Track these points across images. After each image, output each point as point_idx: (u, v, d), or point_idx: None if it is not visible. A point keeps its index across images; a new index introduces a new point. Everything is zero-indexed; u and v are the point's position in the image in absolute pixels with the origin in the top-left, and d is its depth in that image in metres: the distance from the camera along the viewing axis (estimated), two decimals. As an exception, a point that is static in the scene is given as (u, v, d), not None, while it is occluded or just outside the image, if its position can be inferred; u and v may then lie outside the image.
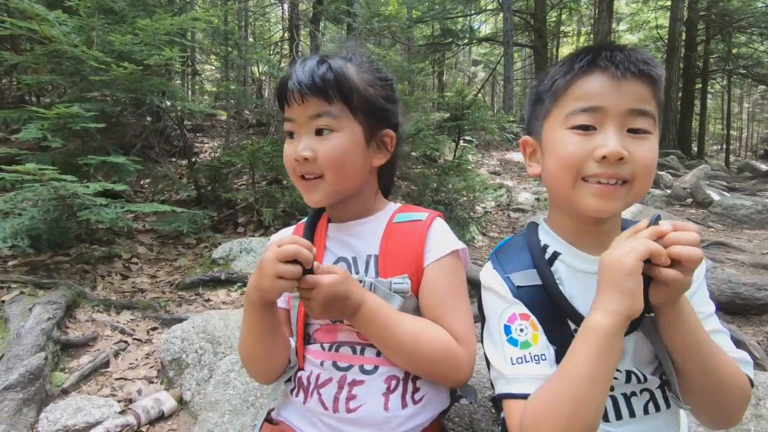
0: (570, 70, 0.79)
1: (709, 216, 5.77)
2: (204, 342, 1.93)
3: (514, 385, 0.75)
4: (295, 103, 0.87)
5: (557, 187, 0.81)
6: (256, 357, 0.92)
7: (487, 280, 0.85)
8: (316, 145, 0.87)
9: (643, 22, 17.85)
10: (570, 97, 0.78)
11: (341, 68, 0.87)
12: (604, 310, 0.68)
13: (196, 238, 3.84)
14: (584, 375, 0.68)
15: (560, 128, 0.78)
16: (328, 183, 0.89)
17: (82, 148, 3.10)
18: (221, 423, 1.11)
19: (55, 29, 2.80)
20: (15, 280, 2.52)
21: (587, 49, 0.80)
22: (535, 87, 0.91)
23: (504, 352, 0.78)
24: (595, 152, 0.74)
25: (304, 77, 0.86)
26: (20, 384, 1.64)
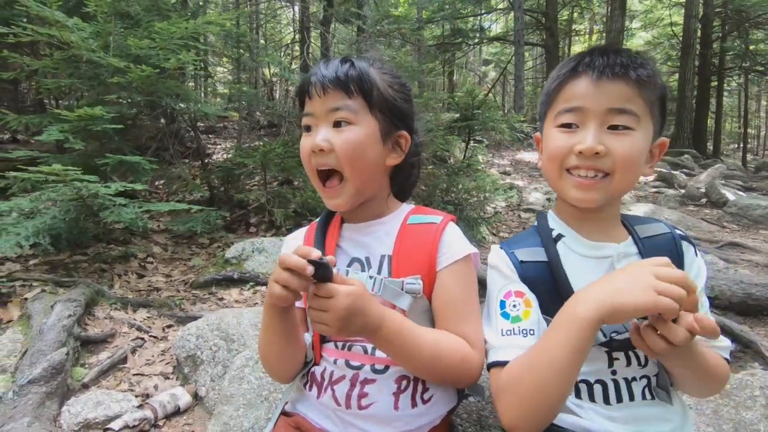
0: (558, 76, 0.88)
1: (724, 216, 5.68)
2: (218, 339, 1.98)
3: (499, 353, 0.81)
4: (316, 96, 0.89)
5: (549, 178, 0.91)
6: (271, 357, 0.95)
7: (493, 259, 0.91)
8: (333, 136, 0.88)
9: (657, 19, 17.58)
10: (560, 99, 0.87)
11: (364, 66, 0.92)
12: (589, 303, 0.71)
13: (209, 238, 3.91)
14: (559, 358, 0.72)
15: (551, 126, 0.88)
16: (348, 183, 0.90)
17: (100, 149, 3.18)
18: (236, 416, 1.14)
19: (73, 35, 2.89)
20: (37, 278, 2.61)
21: (577, 55, 0.88)
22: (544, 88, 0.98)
23: (496, 325, 0.84)
24: (574, 147, 0.83)
25: (328, 72, 0.89)
26: (43, 378, 1.70)
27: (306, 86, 0.92)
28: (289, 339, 0.91)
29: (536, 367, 0.74)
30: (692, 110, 13.55)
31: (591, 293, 0.72)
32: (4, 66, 4.07)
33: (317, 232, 0.99)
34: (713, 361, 0.80)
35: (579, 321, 0.70)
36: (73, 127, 2.82)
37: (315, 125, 0.91)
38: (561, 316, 0.74)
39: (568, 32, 18.18)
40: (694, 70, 13.49)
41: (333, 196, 0.92)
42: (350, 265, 0.95)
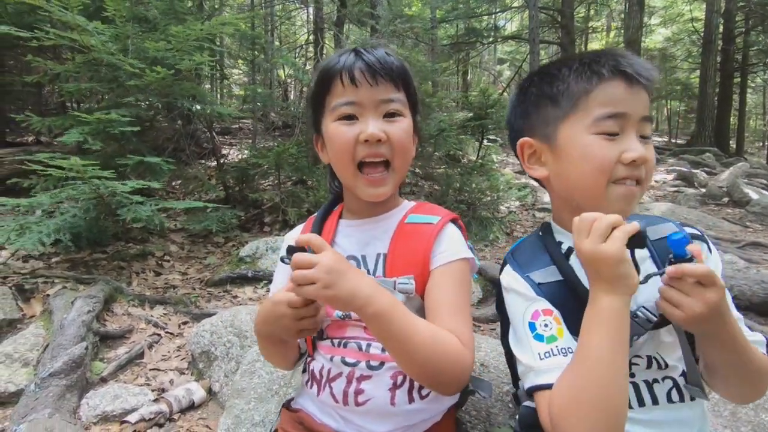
0: (593, 75, 0.80)
1: (747, 216, 5.52)
2: (232, 336, 2.01)
3: (543, 377, 0.76)
4: (365, 84, 0.85)
5: (585, 190, 0.83)
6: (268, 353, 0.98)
7: (508, 282, 0.87)
8: (386, 127, 0.87)
9: (677, 15, 17.18)
10: (595, 103, 0.80)
11: (402, 60, 0.91)
12: (606, 291, 0.71)
13: (224, 237, 3.97)
14: (604, 358, 0.69)
15: (585, 133, 0.80)
16: (395, 172, 0.89)
17: (118, 150, 3.26)
18: (247, 409, 1.16)
19: (93, 38, 2.96)
20: (58, 276, 2.69)
21: (599, 55, 0.83)
22: (529, 87, 0.91)
23: (531, 349, 0.79)
24: (623, 155, 0.79)
25: (376, 60, 0.86)
26: (64, 371, 1.76)
27: (348, 72, 0.86)
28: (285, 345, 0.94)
29: (589, 376, 0.69)
30: (714, 108, 13.20)
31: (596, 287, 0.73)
32: (28, 70, 4.21)
33: (313, 228, 0.98)
34: (755, 354, 0.77)
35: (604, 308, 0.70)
36: (92, 129, 2.90)
37: (361, 114, 0.87)
38: (586, 319, 0.73)
39: (585, 30, 17.90)
40: (716, 67, 13.15)
41: (379, 184, 0.89)
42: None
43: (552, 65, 0.89)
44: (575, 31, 13.50)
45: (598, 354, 0.69)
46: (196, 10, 4.49)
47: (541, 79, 0.89)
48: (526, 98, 0.91)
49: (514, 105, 0.95)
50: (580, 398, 0.69)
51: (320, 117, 0.94)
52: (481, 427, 1.14)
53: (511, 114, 0.96)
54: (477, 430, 1.14)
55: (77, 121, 2.92)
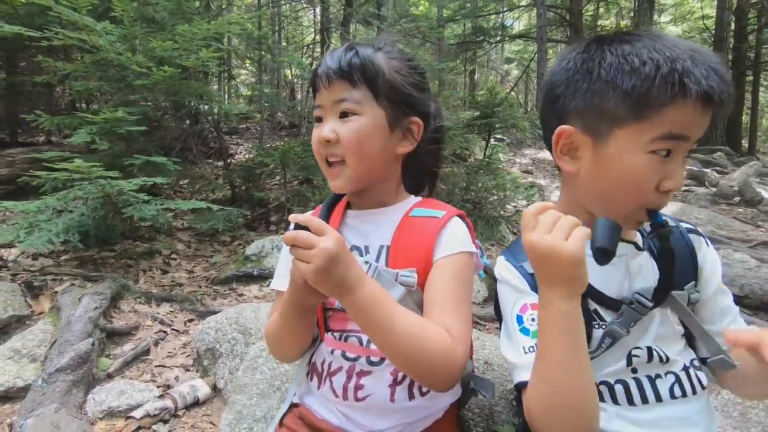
0: (681, 90, 0.68)
1: (759, 215, 5.45)
2: (236, 333, 2.01)
3: (524, 373, 0.75)
4: (322, 88, 0.90)
5: (613, 207, 0.77)
6: (284, 344, 0.95)
7: (501, 272, 0.86)
8: (339, 127, 0.88)
9: (688, 12, 16.97)
10: (667, 119, 0.70)
11: (368, 54, 0.90)
12: (561, 294, 0.68)
13: (230, 236, 3.99)
14: (564, 362, 0.68)
15: (641, 150, 0.72)
16: (349, 167, 0.90)
17: (126, 150, 3.30)
18: (249, 405, 1.16)
19: (102, 39, 3.00)
20: (67, 273, 2.72)
21: (695, 62, 0.69)
22: (600, 61, 0.74)
23: (517, 342, 0.78)
24: (663, 183, 0.73)
25: (332, 63, 0.89)
26: (70, 367, 1.77)
27: (314, 78, 0.93)
28: (308, 331, 0.92)
29: (553, 381, 0.68)
30: (726, 106, 13.01)
31: (545, 286, 0.70)
32: (38, 71, 4.27)
33: (321, 216, 0.99)
34: None
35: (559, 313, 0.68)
36: (99, 129, 2.93)
37: (324, 116, 0.91)
38: (542, 324, 0.71)
39: (594, 28, 17.74)
40: (727, 65, 12.97)
41: (333, 178, 0.93)
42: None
43: (634, 46, 0.72)
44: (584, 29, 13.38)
45: (559, 359, 0.68)
46: (204, 11, 4.53)
47: (617, 61, 0.72)
48: (590, 73, 0.75)
49: (569, 68, 0.78)
50: (548, 402, 0.69)
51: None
52: (484, 425, 1.13)
53: (559, 78, 0.80)
54: (480, 428, 1.13)
55: (85, 121, 2.95)
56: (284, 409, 0.97)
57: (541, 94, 0.85)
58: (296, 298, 0.83)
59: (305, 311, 0.87)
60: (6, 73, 4.66)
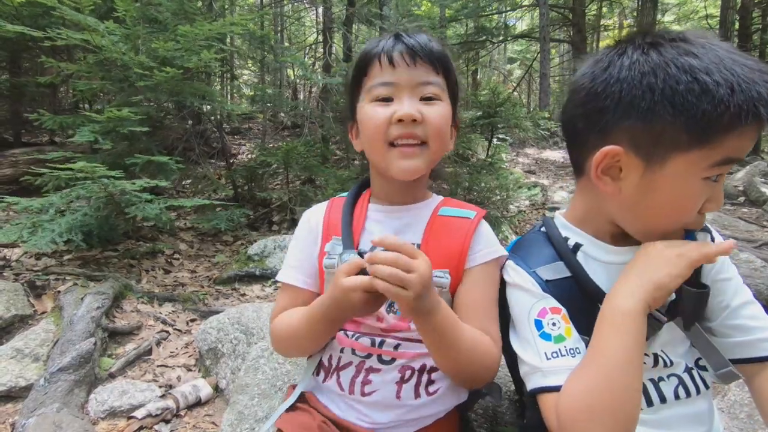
0: (755, 117, 0.62)
1: (764, 215, 5.41)
2: (238, 333, 2.01)
3: (551, 378, 0.73)
4: (404, 65, 0.83)
5: (654, 232, 0.74)
6: (303, 349, 0.94)
7: (513, 277, 0.83)
8: (423, 108, 0.84)
9: (691, 11, 16.89)
10: (726, 144, 0.64)
11: (444, 47, 0.89)
12: (631, 295, 0.68)
13: (233, 236, 3.99)
14: (621, 362, 0.67)
15: (697, 176, 0.67)
16: (430, 151, 0.85)
17: (128, 150, 3.30)
18: (250, 405, 1.16)
19: (104, 39, 3.00)
20: (70, 273, 2.72)
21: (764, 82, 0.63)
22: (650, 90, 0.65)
23: (537, 348, 0.76)
24: (706, 205, 0.72)
25: (416, 43, 0.84)
26: (72, 366, 1.77)
27: (386, 53, 0.84)
28: (330, 336, 0.90)
29: (604, 381, 0.66)
30: (730, 106, 12.92)
31: (625, 287, 0.70)
32: (42, 72, 4.28)
33: (345, 211, 0.93)
34: None
35: (629, 315, 0.68)
36: (102, 128, 2.93)
37: (397, 96, 0.84)
38: (605, 322, 0.70)
39: (596, 27, 17.69)
40: (731, 64, 12.88)
41: (412, 156, 0.84)
42: (374, 248, 0.87)
43: (701, 60, 0.64)
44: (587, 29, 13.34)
45: (618, 358, 0.67)
46: (206, 11, 4.53)
47: (686, 79, 0.63)
48: (651, 91, 0.65)
49: (622, 79, 0.68)
50: (592, 403, 0.66)
51: (356, 101, 0.91)
52: (488, 427, 1.12)
53: (606, 88, 0.70)
54: (483, 429, 1.12)
55: (88, 120, 2.95)
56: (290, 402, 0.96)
57: (574, 99, 0.77)
58: (340, 314, 0.80)
59: (339, 323, 0.85)
60: (9, 73, 4.67)
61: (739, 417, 1.38)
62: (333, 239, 0.91)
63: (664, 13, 17.67)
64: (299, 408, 0.91)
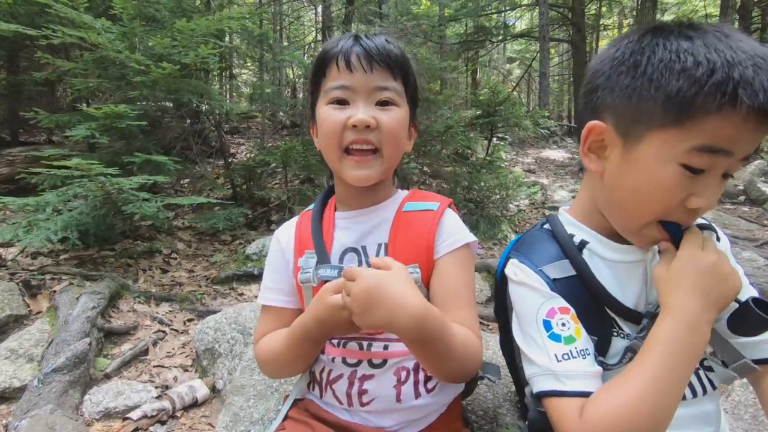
0: (731, 101, 0.59)
1: (765, 214, 5.40)
2: (235, 333, 1.99)
3: (566, 382, 0.70)
4: (360, 70, 0.83)
5: (627, 220, 0.74)
6: (289, 370, 0.93)
7: (518, 275, 0.80)
8: (378, 114, 0.83)
9: (691, 11, 16.90)
10: (706, 129, 0.62)
11: (403, 50, 0.88)
12: (709, 321, 0.66)
13: (231, 235, 3.97)
14: (678, 383, 0.65)
15: (673, 159, 0.65)
16: (384, 158, 0.86)
17: (126, 148, 3.28)
18: (246, 407, 1.13)
19: (101, 36, 2.97)
20: (66, 272, 2.69)
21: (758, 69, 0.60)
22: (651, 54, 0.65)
23: (546, 349, 0.73)
24: (691, 199, 0.67)
25: (374, 46, 0.84)
26: (67, 367, 1.75)
27: (344, 56, 0.83)
28: (317, 353, 0.89)
29: (655, 400, 0.63)
30: (729, 105, 12.92)
31: (703, 306, 0.66)
32: (39, 70, 4.26)
33: (314, 224, 0.93)
34: None
35: (705, 338, 0.66)
36: (99, 125, 2.91)
37: (353, 100, 0.84)
38: (669, 341, 0.66)
39: (596, 27, 17.68)
40: (731, 64, 12.87)
41: (365, 165, 0.85)
42: (345, 255, 0.90)
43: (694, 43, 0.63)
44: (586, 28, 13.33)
45: (672, 380, 0.65)
46: (204, 8, 4.50)
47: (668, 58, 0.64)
48: (636, 67, 0.67)
49: (615, 58, 0.70)
50: (637, 421, 0.63)
51: (315, 102, 0.91)
52: (488, 428, 1.10)
53: (603, 67, 0.71)
54: (484, 430, 1.10)
55: (85, 116, 2.93)
56: (286, 408, 0.94)
57: (584, 82, 0.78)
58: (322, 333, 0.80)
59: (321, 342, 0.85)
60: (7, 72, 4.65)
61: (744, 418, 1.36)
62: (306, 254, 0.90)
63: (664, 12, 17.67)
64: (297, 420, 0.89)
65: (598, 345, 0.75)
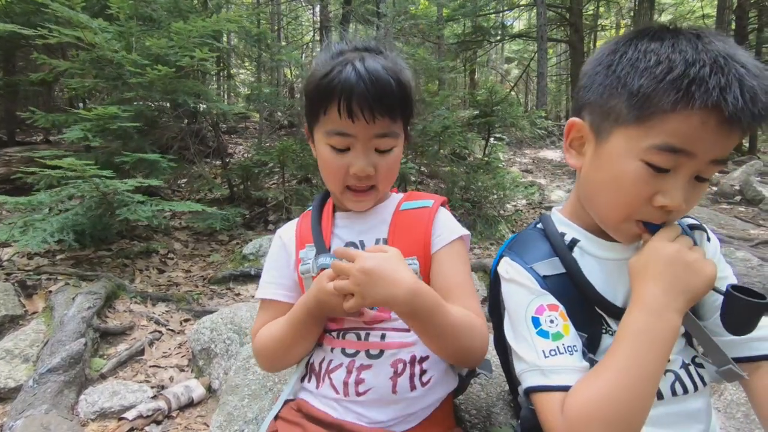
0: (686, 96, 0.60)
1: (760, 214, 5.43)
2: (231, 333, 1.99)
3: (552, 377, 0.71)
4: (362, 120, 0.81)
5: (601, 213, 0.76)
6: (288, 356, 0.94)
7: (509, 273, 0.81)
8: (376, 160, 0.87)
9: (688, 12, 16.95)
10: (666, 128, 0.63)
11: (408, 81, 0.87)
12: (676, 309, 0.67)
13: (228, 235, 3.96)
14: (651, 373, 0.65)
15: (634, 156, 0.67)
16: (379, 191, 0.92)
17: (122, 148, 3.27)
18: (240, 406, 1.14)
19: (98, 36, 2.97)
20: (62, 272, 2.69)
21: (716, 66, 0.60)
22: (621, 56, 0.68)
23: (534, 345, 0.74)
24: (657, 197, 0.68)
25: (377, 93, 0.80)
26: (62, 367, 1.75)
27: (346, 100, 0.80)
28: (318, 334, 0.92)
29: (628, 390, 0.64)
30: (726, 105, 12.95)
31: (667, 294, 0.67)
32: (36, 70, 4.25)
33: (313, 223, 0.97)
34: None
35: (672, 326, 0.66)
36: (93, 126, 2.90)
37: (353, 146, 0.85)
38: (638, 331, 0.67)
39: (594, 27, 17.72)
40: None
41: (361, 200, 0.92)
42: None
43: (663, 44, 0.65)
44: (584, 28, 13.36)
45: (651, 368, 0.66)
46: (201, 8, 4.50)
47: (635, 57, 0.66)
48: (609, 66, 0.70)
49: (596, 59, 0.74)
50: (611, 411, 0.64)
51: (313, 122, 0.90)
52: (482, 426, 1.10)
53: (587, 68, 0.75)
54: (477, 429, 1.11)
55: (80, 117, 2.92)
56: (277, 408, 0.94)
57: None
58: (322, 312, 0.85)
59: (322, 321, 0.89)
60: (3, 71, 4.64)
61: (736, 417, 1.37)
62: (306, 246, 0.95)
63: (661, 13, 17.72)
64: (289, 421, 0.90)
65: (588, 342, 0.76)
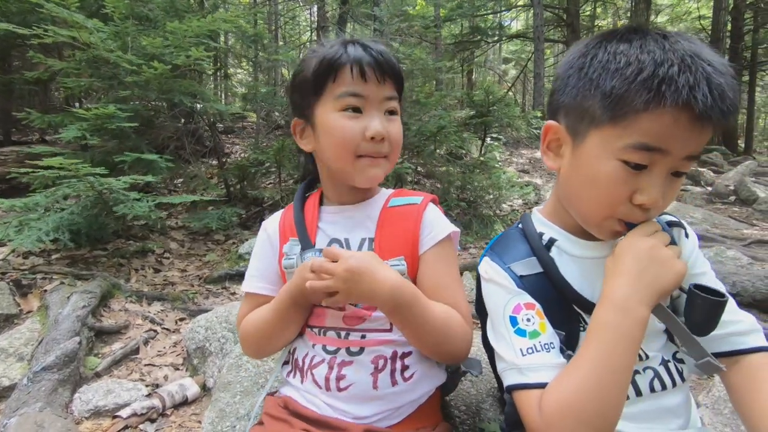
0: (657, 96, 0.62)
1: (754, 214, 5.46)
2: (226, 331, 2.00)
3: (529, 375, 0.72)
4: (374, 80, 0.86)
5: (580, 213, 0.77)
6: (273, 341, 0.95)
7: (488, 273, 0.82)
8: (387, 125, 0.89)
9: (684, 12, 17.00)
10: (640, 127, 0.65)
11: (395, 59, 0.93)
12: (644, 303, 0.67)
13: (224, 235, 3.97)
14: (622, 367, 0.66)
15: (611, 155, 0.68)
16: (390, 163, 0.92)
17: (118, 147, 3.28)
18: (232, 403, 1.15)
19: (93, 36, 2.97)
20: (57, 272, 2.70)
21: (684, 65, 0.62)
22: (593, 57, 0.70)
23: (512, 344, 0.75)
24: (636, 196, 0.69)
25: (383, 59, 0.87)
26: (56, 365, 1.75)
27: (358, 64, 0.85)
28: (301, 321, 0.93)
29: (599, 385, 0.65)
30: (722, 106, 13.00)
31: (627, 290, 0.68)
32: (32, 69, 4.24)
33: (296, 215, 0.97)
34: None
35: (638, 320, 0.67)
36: (90, 125, 2.91)
37: (366, 109, 0.87)
38: (606, 326, 0.68)
39: (591, 28, 17.77)
40: (723, 65, 12.96)
41: (375, 165, 0.89)
42: (329, 245, 0.93)
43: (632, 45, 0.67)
44: (581, 29, 13.39)
45: (621, 362, 0.66)
46: (198, 8, 4.50)
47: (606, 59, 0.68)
48: (581, 69, 0.71)
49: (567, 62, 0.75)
50: (584, 406, 0.66)
51: (313, 103, 0.90)
52: (471, 423, 1.11)
53: (560, 71, 0.77)
54: (466, 425, 1.12)
55: (76, 117, 2.93)
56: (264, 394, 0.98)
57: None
58: (305, 300, 0.87)
59: (306, 308, 0.91)
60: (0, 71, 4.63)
61: (723, 413, 1.39)
62: (290, 240, 0.95)
63: (658, 13, 17.78)
64: (276, 417, 0.91)
65: (565, 339, 0.77)
